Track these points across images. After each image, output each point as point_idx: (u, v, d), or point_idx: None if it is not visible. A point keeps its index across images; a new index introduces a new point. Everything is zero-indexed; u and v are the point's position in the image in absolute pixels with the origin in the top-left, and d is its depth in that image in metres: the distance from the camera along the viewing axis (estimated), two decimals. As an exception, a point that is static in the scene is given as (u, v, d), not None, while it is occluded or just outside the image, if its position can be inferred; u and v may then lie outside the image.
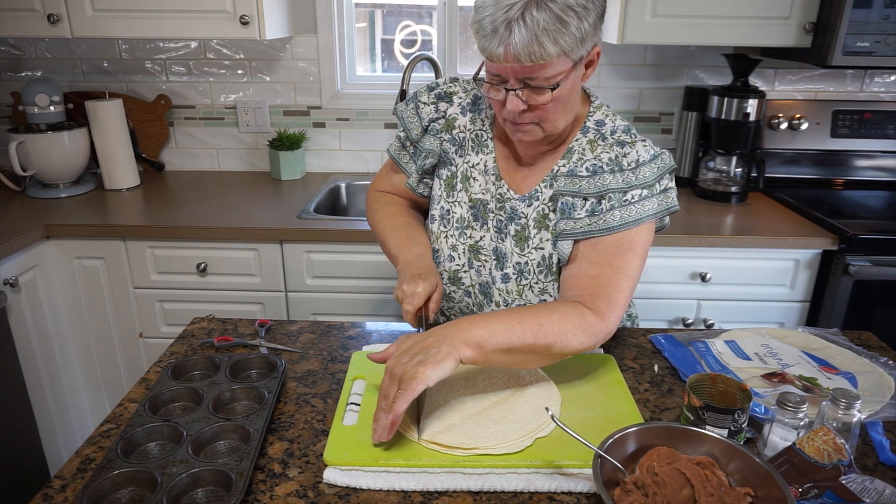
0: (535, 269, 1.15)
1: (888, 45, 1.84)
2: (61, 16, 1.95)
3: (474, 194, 1.19)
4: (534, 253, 1.15)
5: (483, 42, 0.97)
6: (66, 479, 0.86)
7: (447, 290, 1.24)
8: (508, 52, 0.95)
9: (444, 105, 1.22)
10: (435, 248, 1.22)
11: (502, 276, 1.17)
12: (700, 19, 1.93)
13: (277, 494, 0.84)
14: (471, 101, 1.22)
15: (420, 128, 1.23)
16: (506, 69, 0.98)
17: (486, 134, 1.20)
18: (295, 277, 1.93)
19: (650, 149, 1.08)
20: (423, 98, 1.23)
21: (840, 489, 0.79)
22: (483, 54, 1.00)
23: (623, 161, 1.07)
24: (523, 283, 1.16)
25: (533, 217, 1.14)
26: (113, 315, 1.97)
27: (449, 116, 1.21)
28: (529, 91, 1.00)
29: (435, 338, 0.92)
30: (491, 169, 1.18)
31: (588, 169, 1.09)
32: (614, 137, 1.11)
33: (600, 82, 2.32)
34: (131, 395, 1.05)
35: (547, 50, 0.94)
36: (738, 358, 1.14)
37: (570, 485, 0.85)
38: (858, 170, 2.28)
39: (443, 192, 1.23)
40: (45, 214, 1.95)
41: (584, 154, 1.12)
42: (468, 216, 1.20)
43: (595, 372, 1.11)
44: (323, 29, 2.30)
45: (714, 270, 1.89)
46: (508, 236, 1.17)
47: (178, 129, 2.45)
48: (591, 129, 1.13)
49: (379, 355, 0.97)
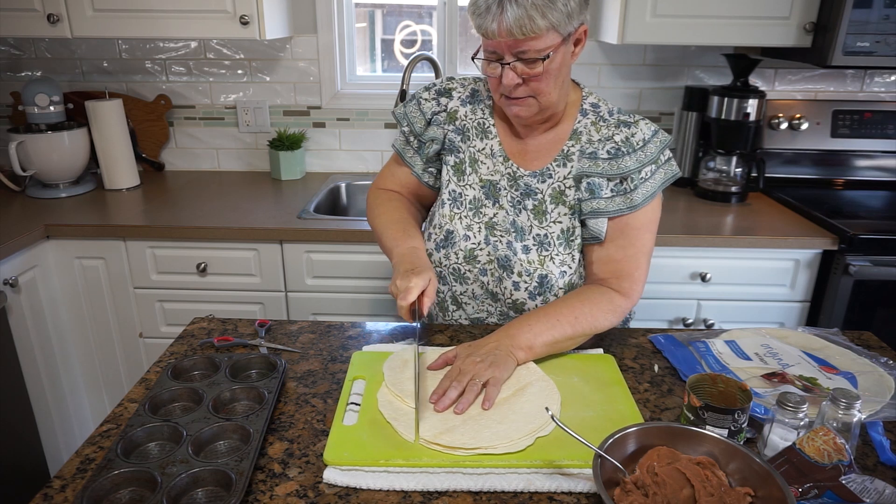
0: (555, 241, 1.22)
1: (888, 45, 1.84)
2: (61, 16, 1.95)
3: (484, 175, 1.26)
4: (553, 226, 1.22)
5: (478, 20, 1.07)
6: (66, 479, 0.86)
7: (462, 271, 1.27)
8: (502, 26, 1.04)
9: (445, 99, 1.30)
10: (449, 229, 1.26)
11: (523, 247, 1.22)
12: (700, 19, 1.93)
13: (277, 494, 0.84)
14: (469, 93, 1.29)
15: (424, 121, 1.30)
16: (500, 44, 1.07)
17: (488, 121, 1.27)
18: (295, 277, 1.93)
19: (650, 125, 1.20)
20: (425, 95, 1.31)
21: (840, 489, 0.79)
22: (479, 32, 1.09)
23: (633, 141, 1.18)
24: (544, 254, 1.22)
25: (549, 193, 1.22)
26: (113, 315, 1.97)
27: (450, 109, 1.29)
28: (523, 65, 1.09)
29: (492, 344, 1.08)
30: (497, 151, 1.25)
31: (609, 152, 1.18)
32: (614, 118, 1.22)
33: (600, 82, 2.32)
34: (131, 395, 1.05)
35: (537, 23, 1.03)
36: (738, 358, 1.14)
37: (570, 485, 0.85)
38: (858, 170, 2.28)
39: (451, 177, 1.28)
40: (45, 214, 1.95)
41: (591, 135, 1.21)
42: (480, 195, 1.25)
43: (595, 372, 1.11)
44: (323, 29, 2.30)
45: (714, 270, 1.89)
46: (525, 210, 1.23)
47: (178, 129, 2.45)
48: (590, 112, 1.24)
49: (441, 360, 1.09)
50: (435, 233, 1.28)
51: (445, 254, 1.26)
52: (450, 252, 1.26)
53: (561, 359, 1.14)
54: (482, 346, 1.08)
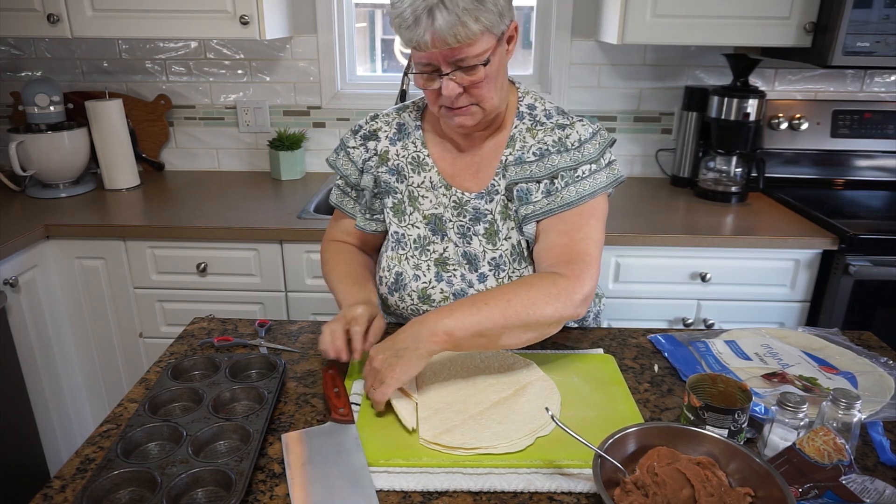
0: (508, 259, 1.17)
1: (888, 45, 1.84)
2: (61, 16, 1.95)
3: (427, 211, 1.22)
4: (505, 244, 1.18)
5: (408, 34, 1.01)
6: (66, 479, 0.86)
7: (420, 310, 1.21)
8: (436, 36, 0.99)
9: (373, 143, 1.25)
10: (398, 271, 1.22)
11: (478, 276, 1.19)
12: (700, 19, 1.93)
13: (277, 494, 0.83)
14: (396, 129, 1.25)
15: (356, 171, 1.26)
16: (435, 55, 1.02)
17: (422, 153, 1.22)
18: (295, 277, 1.93)
19: (588, 126, 1.14)
20: (351, 143, 1.26)
21: (840, 489, 0.79)
22: (409, 46, 1.03)
23: (567, 142, 1.12)
24: (500, 276, 1.18)
25: (498, 211, 1.18)
26: (113, 315, 1.97)
27: (381, 151, 1.24)
28: (462, 73, 1.04)
29: (406, 334, 0.99)
30: (437, 182, 1.21)
31: (535, 153, 1.13)
32: (552, 122, 1.16)
33: (600, 82, 2.32)
34: (131, 395, 1.05)
35: (471, 28, 0.98)
36: (738, 358, 1.14)
37: (570, 485, 0.85)
38: (858, 170, 2.28)
39: (392, 218, 1.24)
40: (45, 214, 1.95)
41: (525, 140, 1.16)
42: (426, 232, 1.22)
43: (595, 372, 1.11)
44: (323, 29, 2.30)
45: (714, 270, 1.89)
46: (476, 236, 1.19)
47: (178, 129, 2.45)
48: (526, 115, 1.18)
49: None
50: (385, 276, 1.23)
51: (400, 296, 1.22)
52: (403, 294, 1.21)
53: (561, 359, 1.15)
54: (396, 338, 1.00)
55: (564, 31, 2.27)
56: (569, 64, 2.30)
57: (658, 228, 1.89)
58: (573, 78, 2.32)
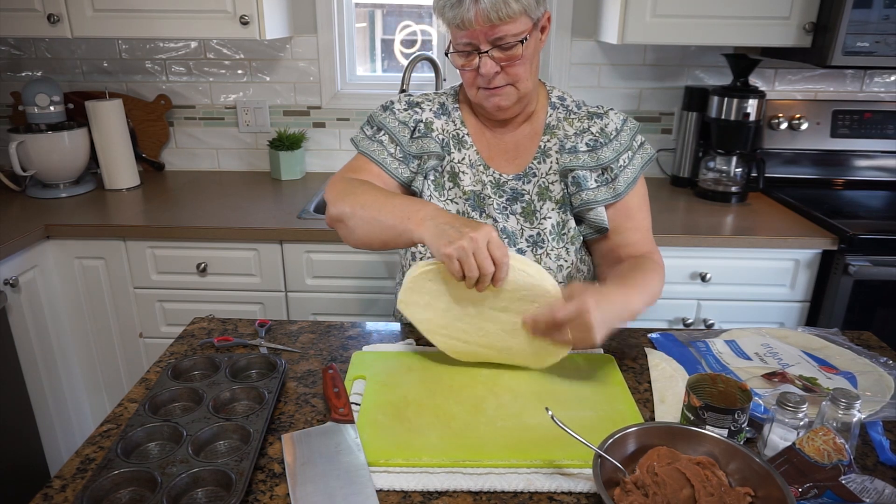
0: (548, 237, 1.22)
1: (888, 45, 1.84)
2: (61, 16, 1.95)
3: (467, 187, 1.25)
4: (544, 222, 1.23)
5: (452, 13, 1.08)
6: (66, 479, 0.86)
7: None
8: (479, 13, 1.06)
9: (418, 111, 1.27)
10: None
11: (517, 251, 1.22)
12: (700, 19, 1.93)
13: (277, 494, 0.84)
14: (438, 106, 1.28)
15: (407, 130, 1.25)
16: (476, 33, 1.09)
17: (462, 131, 1.26)
18: (295, 277, 1.93)
19: (620, 115, 1.25)
20: (398, 106, 1.27)
21: (840, 489, 0.79)
22: (452, 24, 1.10)
23: (608, 132, 1.22)
24: (539, 252, 1.23)
25: (535, 192, 1.23)
26: (113, 315, 1.97)
27: (426, 120, 1.26)
28: (500, 51, 1.10)
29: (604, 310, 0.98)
30: (476, 161, 1.25)
31: (588, 144, 1.21)
32: (583, 111, 1.25)
33: (600, 82, 2.32)
34: (131, 395, 1.05)
35: (512, 7, 1.06)
36: (739, 358, 1.14)
37: (570, 485, 0.85)
38: (858, 170, 2.28)
39: (433, 192, 1.25)
40: (45, 214, 1.95)
41: (565, 130, 1.23)
42: (466, 208, 1.24)
43: (595, 372, 1.11)
44: (323, 29, 2.30)
45: (714, 270, 1.89)
46: (514, 215, 1.24)
47: (178, 129, 2.45)
48: (558, 105, 1.26)
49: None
50: (423, 251, 1.24)
51: None
52: None
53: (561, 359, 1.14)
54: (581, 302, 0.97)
55: (564, 31, 2.27)
56: (569, 64, 2.30)
57: (658, 228, 1.87)
58: (573, 78, 2.32)
